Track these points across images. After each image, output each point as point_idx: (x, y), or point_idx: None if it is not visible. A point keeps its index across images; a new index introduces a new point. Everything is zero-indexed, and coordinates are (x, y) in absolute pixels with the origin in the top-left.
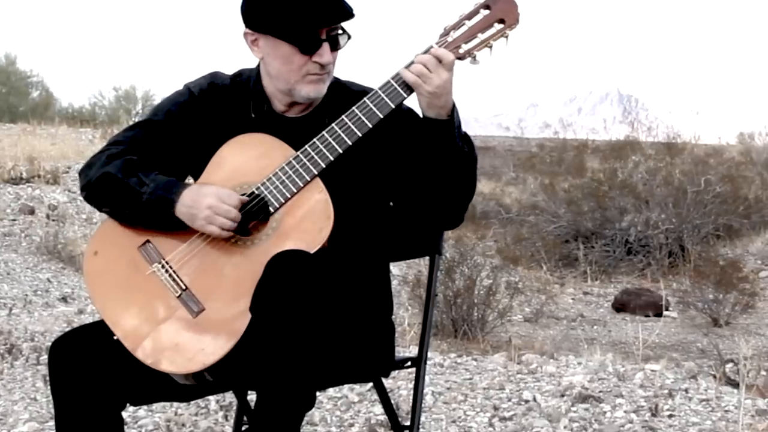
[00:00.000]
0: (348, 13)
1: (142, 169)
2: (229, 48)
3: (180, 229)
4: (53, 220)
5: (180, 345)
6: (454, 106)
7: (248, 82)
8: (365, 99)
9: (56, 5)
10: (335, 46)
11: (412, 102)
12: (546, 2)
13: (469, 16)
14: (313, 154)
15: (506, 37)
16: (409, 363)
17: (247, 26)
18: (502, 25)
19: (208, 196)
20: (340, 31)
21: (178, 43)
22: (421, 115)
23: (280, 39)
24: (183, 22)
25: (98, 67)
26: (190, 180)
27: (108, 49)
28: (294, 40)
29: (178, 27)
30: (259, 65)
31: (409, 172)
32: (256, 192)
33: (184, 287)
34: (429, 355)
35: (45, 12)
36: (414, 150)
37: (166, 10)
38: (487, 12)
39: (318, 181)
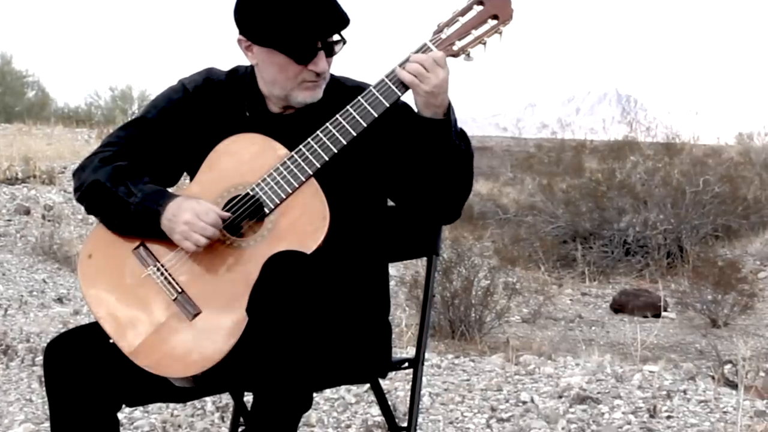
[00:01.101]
0: (344, 22)
1: (132, 175)
2: (225, 47)
3: None
4: (49, 221)
5: (177, 348)
6: (449, 104)
7: (244, 78)
8: (360, 98)
9: (53, 5)
10: (330, 53)
11: (408, 100)
12: (544, 1)
13: (463, 13)
14: (307, 154)
15: (500, 33)
16: (406, 364)
17: (240, 33)
18: (495, 21)
19: (187, 212)
20: (336, 38)
21: (175, 43)
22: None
23: (275, 50)
24: (179, 22)
25: (94, 66)
26: (187, 181)
27: (104, 49)
28: (289, 51)
29: (175, 27)
30: None
31: (406, 168)
32: (251, 193)
33: (179, 290)
34: (426, 356)
35: (41, 12)
36: (410, 146)
37: (162, 9)
38: (480, 8)
39: (313, 182)
